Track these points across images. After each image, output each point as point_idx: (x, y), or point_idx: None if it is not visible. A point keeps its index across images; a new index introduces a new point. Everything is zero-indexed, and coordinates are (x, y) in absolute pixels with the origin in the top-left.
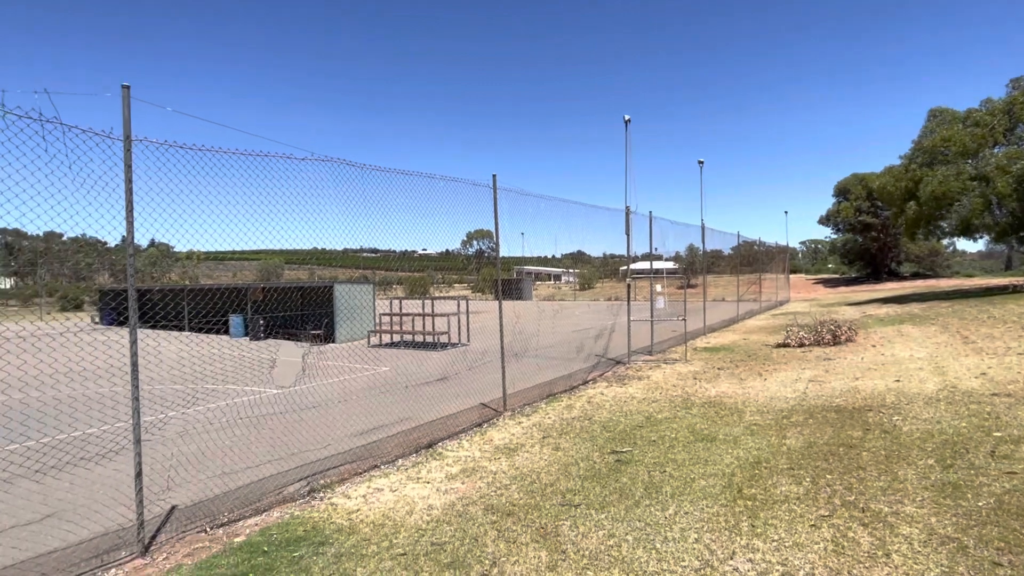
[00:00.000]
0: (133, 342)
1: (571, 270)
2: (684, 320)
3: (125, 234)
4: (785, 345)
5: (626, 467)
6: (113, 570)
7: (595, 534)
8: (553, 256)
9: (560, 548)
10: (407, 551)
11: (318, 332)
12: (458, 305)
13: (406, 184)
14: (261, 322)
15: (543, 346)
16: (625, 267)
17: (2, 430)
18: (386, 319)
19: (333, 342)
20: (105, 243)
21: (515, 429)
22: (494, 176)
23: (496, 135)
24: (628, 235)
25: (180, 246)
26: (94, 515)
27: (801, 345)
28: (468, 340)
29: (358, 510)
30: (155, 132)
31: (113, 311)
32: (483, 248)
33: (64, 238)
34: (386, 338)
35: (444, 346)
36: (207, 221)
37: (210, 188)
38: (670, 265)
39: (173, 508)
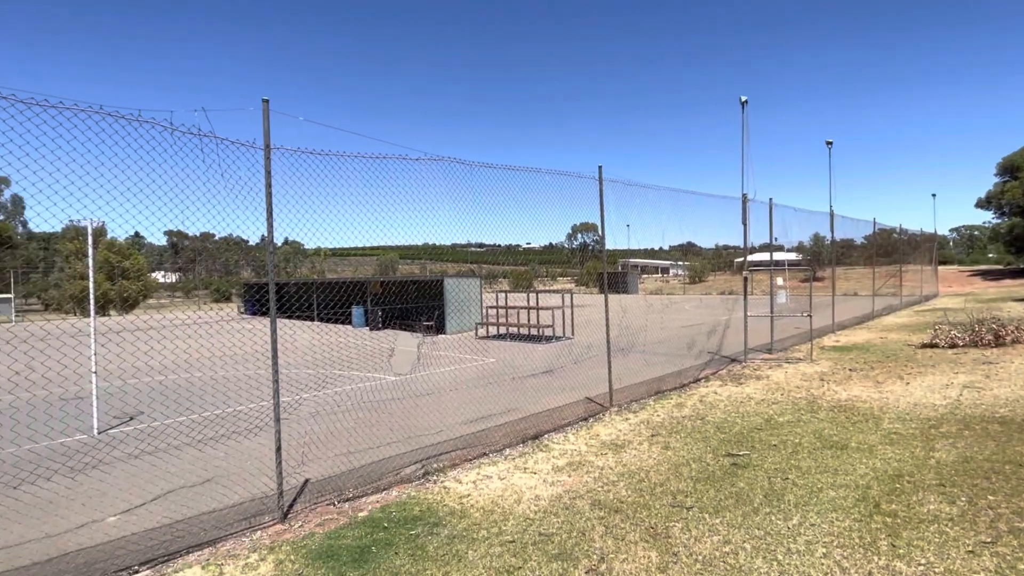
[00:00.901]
0: (273, 331)
1: (680, 263)
2: (810, 316)
3: (265, 233)
4: (932, 345)
5: (743, 471)
6: (259, 532)
7: (709, 539)
8: (660, 248)
9: (671, 550)
10: (515, 539)
11: (430, 324)
12: (562, 299)
13: (512, 179)
14: (379, 313)
15: (651, 342)
16: (741, 259)
17: (173, 405)
18: (492, 312)
19: (443, 333)
20: (247, 241)
21: (622, 425)
22: (600, 167)
23: (603, 127)
24: (745, 224)
25: (309, 244)
26: (243, 482)
27: (953, 346)
28: (572, 334)
29: (469, 495)
30: (287, 140)
31: (254, 302)
32: (587, 241)
33: (216, 238)
34: (492, 330)
35: (548, 339)
36: (332, 220)
37: (335, 189)
38: (792, 256)
39: (306, 481)
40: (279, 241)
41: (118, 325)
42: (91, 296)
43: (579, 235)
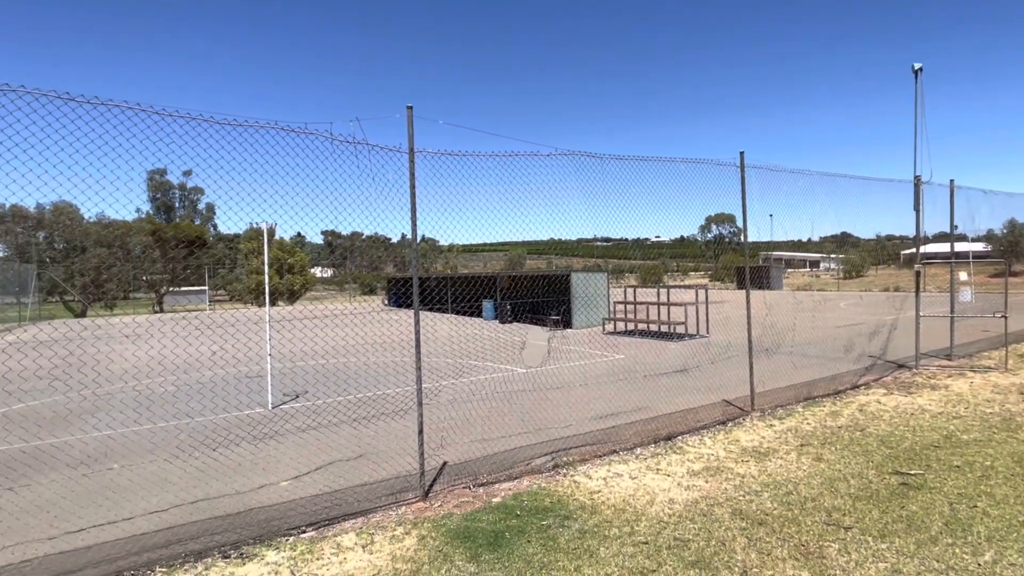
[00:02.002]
0: (416, 322)
1: (833, 255)
2: (1004, 317)
3: (404, 231)
4: None
5: (916, 493)
6: (403, 507)
7: (873, 565)
8: (809, 240)
9: (826, 572)
10: (648, 540)
11: (557, 318)
12: (696, 294)
13: (644, 171)
14: (508, 307)
15: (799, 342)
16: (911, 251)
17: (332, 386)
18: (620, 307)
19: (570, 328)
20: (390, 239)
21: (765, 432)
22: (741, 153)
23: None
24: (918, 211)
25: (443, 240)
26: (389, 460)
27: None
28: (708, 332)
29: (599, 491)
30: (427, 144)
31: (397, 295)
32: (723, 233)
33: (363, 236)
34: (620, 326)
35: (681, 337)
36: (465, 218)
37: (468, 188)
38: (979, 247)
39: (444, 464)
40: (416, 238)
41: (288, 315)
42: (266, 289)
43: (713, 227)
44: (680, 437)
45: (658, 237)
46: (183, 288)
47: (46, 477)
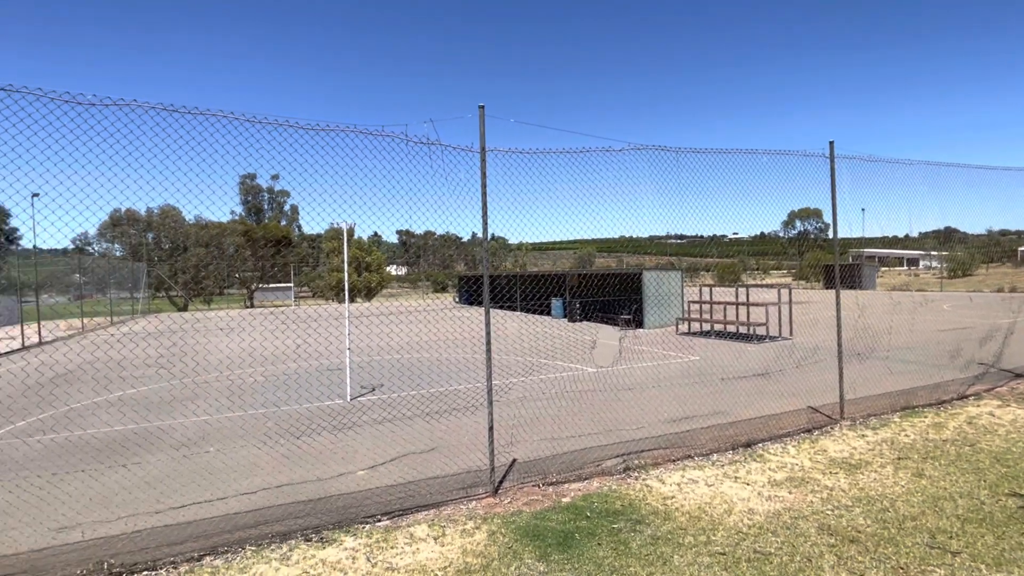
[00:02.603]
0: (487, 320)
1: (934, 252)
2: None
3: (475, 230)
4: None
5: None
6: (474, 502)
7: None
8: (907, 236)
9: None
10: (726, 551)
11: (628, 317)
12: (778, 294)
13: (722, 164)
14: (577, 306)
15: (896, 347)
16: None
17: (406, 380)
18: (695, 307)
19: (642, 327)
20: (460, 238)
21: (857, 442)
22: (831, 143)
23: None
24: None
25: (512, 238)
26: (460, 455)
27: None
28: (791, 334)
29: (672, 497)
30: (498, 141)
31: (467, 293)
32: (808, 229)
33: (436, 235)
34: (695, 326)
35: (762, 339)
36: (534, 216)
37: (538, 186)
38: None
39: (514, 461)
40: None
41: (365, 311)
42: (346, 286)
43: (797, 222)
44: (760, 444)
45: (736, 234)
46: (271, 285)
47: (153, 456)
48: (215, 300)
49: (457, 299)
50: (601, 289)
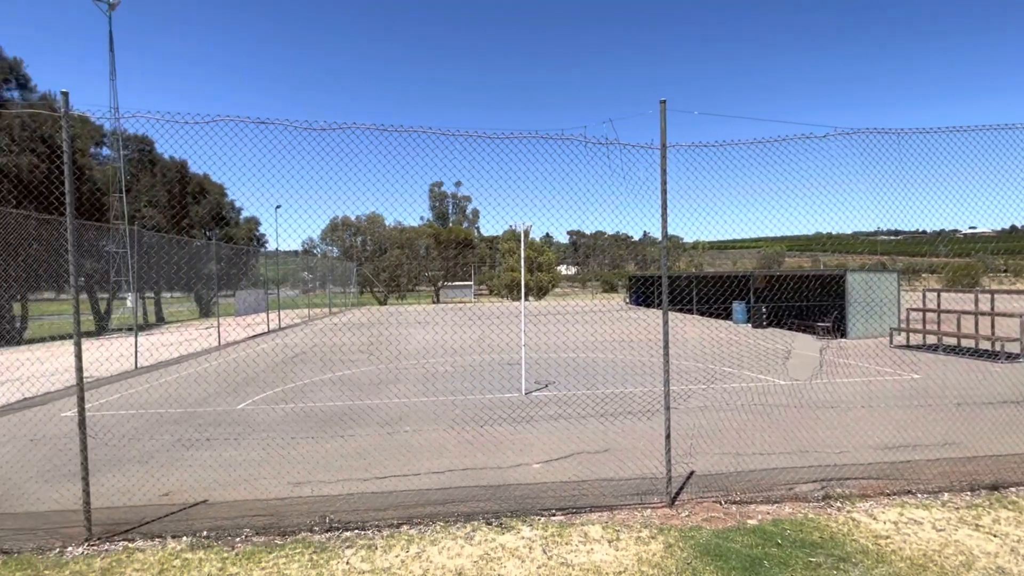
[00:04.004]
0: (664, 322)
1: None
2: None
3: (646, 229)
4: None
5: None
6: (648, 510)
7: None
8: None
9: None
10: None
11: (827, 325)
12: None
13: (956, 145)
14: (763, 310)
15: None
16: None
17: (579, 379)
18: (916, 315)
19: (844, 337)
20: (631, 237)
21: None
22: None
23: None
24: None
25: (688, 237)
26: (634, 460)
27: None
28: None
29: (887, 537)
30: (679, 136)
31: (638, 294)
32: None
33: (606, 235)
34: (915, 338)
35: (1015, 357)
36: (714, 213)
37: (719, 181)
38: None
39: (692, 473)
40: (658, 236)
41: (537, 309)
42: (522, 285)
43: None
44: (1013, 488)
45: (973, 228)
46: (454, 283)
47: (362, 430)
48: (408, 296)
49: (628, 300)
50: (793, 292)
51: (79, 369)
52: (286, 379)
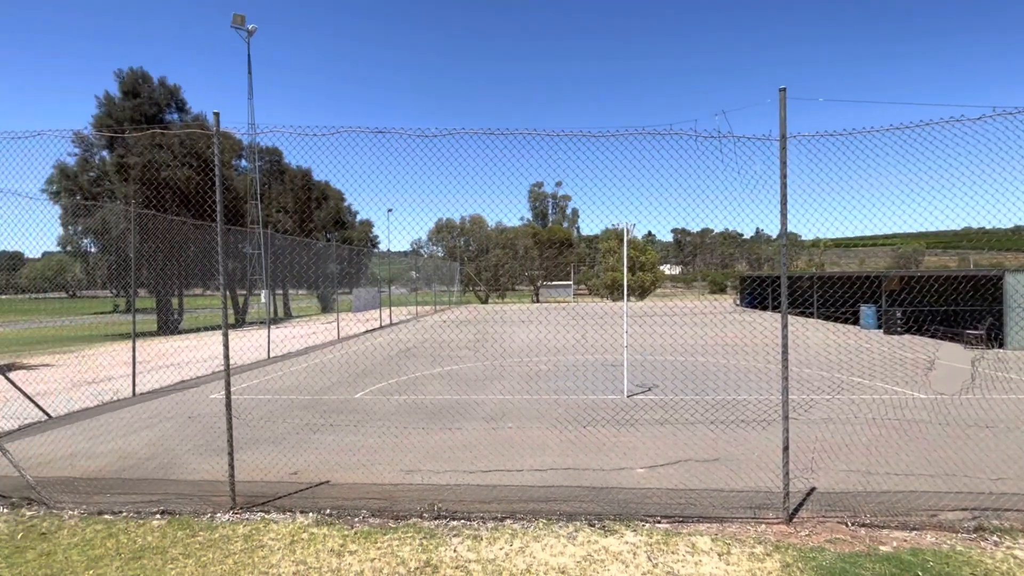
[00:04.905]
0: (784, 326)
1: None
2: None
3: (759, 226)
4: None
5: None
6: (763, 525)
7: None
8: None
9: None
10: None
11: (979, 333)
12: None
13: None
14: (898, 315)
15: None
16: None
17: (685, 383)
18: None
19: (1001, 347)
20: (741, 235)
21: None
22: None
23: None
24: None
25: (807, 234)
26: (746, 471)
27: None
28: None
29: None
30: (800, 126)
31: (751, 295)
32: None
33: (713, 233)
34: None
35: None
36: (839, 208)
37: (845, 173)
38: None
39: (813, 489)
40: (773, 233)
41: (638, 310)
42: (625, 285)
43: None
44: None
45: None
46: (553, 283)
47: (468, 424)
48: (508, 295)
49: (738, 301)
50: (937, 295)
51: (226, 357)
52: (398, 372)
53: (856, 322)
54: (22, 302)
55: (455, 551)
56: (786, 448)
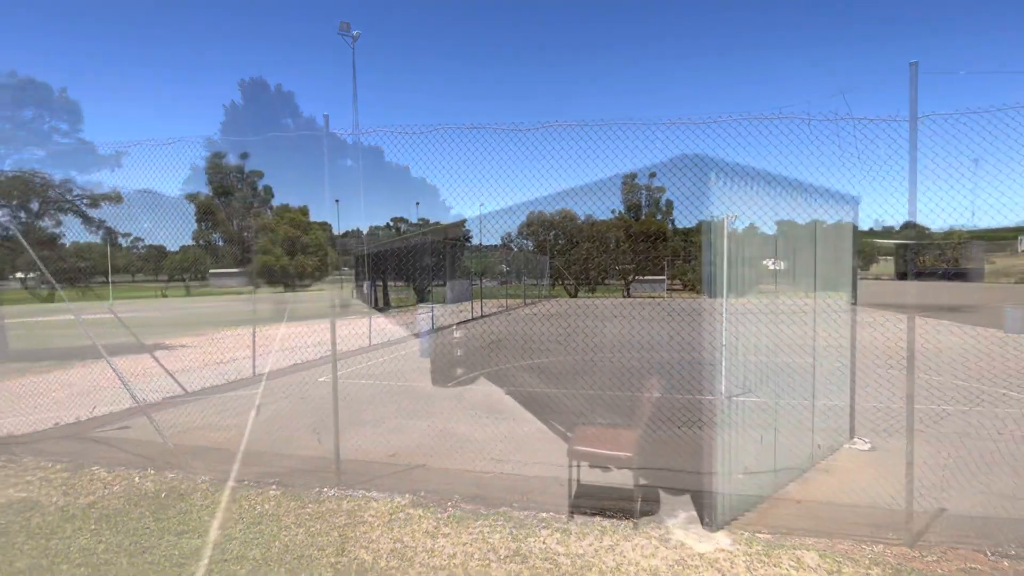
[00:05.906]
0: (910, 328)
1: None
2: None
3: (877, 217)
4: None
5: None
6: (880, 546)
7: None
8: None
9: None
10: None
11: None
12: None
13: None
14: None
15: None
16: None
17: (790, 387)
18: None
19: None
20: (856, 226)
21: None
22: None
23: None
24: None
25: (934, 225)
26: (858, 484)
27: None
28: None
29: None
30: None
31: (868, 292)
32: None
33: (824, 224)
34: None
35: None
36: (974, 194)
37: (987, 153)
38: None
39: (942, 511)
40: (896, 225)
41: (739, 307)
42: (724, 280)
43: None
44: None
45: None
46: (645, 277)
47: (556, 418)
48: (598, 290)
49: (854, 299)
50: None
51: (334, 343)
52: (489, 362)
53: (1001, 324)
54: (166, 288)
55: (544, 543)
56: (910, 463)
